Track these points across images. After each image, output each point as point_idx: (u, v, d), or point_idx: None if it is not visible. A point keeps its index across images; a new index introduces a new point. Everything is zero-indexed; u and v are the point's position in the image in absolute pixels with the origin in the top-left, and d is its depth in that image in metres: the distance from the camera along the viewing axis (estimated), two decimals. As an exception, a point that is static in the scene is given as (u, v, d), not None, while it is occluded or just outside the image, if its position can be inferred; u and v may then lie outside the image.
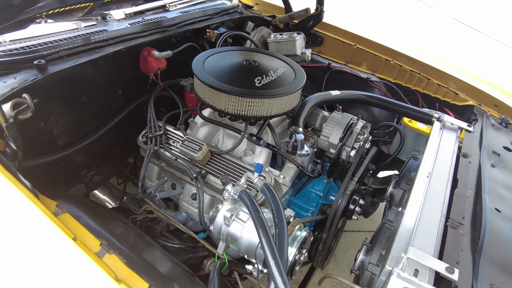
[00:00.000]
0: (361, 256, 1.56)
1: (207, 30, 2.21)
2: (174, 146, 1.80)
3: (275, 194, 1.22)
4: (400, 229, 1.27)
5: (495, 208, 1.43)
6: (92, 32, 1.80)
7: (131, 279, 1.01)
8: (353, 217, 1.84)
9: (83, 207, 1.30)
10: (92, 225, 1.19)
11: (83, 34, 1.77)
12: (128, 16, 2.03)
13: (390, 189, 1.98)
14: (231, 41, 2.29)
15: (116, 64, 1.76)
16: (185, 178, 1.83)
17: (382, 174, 2.65)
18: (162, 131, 1.82)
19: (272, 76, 1.72)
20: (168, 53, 1.87)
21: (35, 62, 1.48)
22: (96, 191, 2.30)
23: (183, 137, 1.77)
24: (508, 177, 1.66)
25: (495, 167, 1.69)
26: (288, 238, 1.09)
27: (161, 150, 1.78)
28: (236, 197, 1.27)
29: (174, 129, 1.89)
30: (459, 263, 1.16)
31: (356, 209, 1.82)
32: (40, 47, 1.60)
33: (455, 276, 1.09)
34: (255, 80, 1.66)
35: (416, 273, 1.10)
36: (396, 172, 2.61)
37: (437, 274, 1.12)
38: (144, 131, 1.88)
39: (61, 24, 1.78)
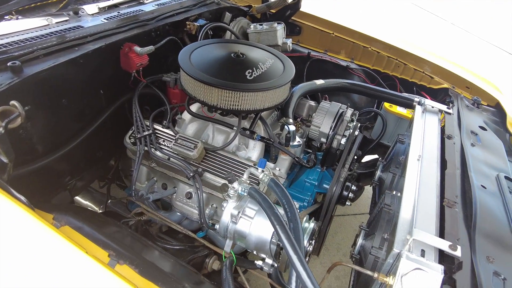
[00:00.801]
0: (360, 241, 1.61)
1: (186, 22, 2.14)
2: (165, 145, 1.74)
3: (284, 188, 1.22)
4: (401, 212, 1.31)
5: (481, 185, 1.52)
6: (66, 29, 1.68)
7: (148, 288, 0.98)
8: (347, 203, 1.89)
9: (80, 217, 1.23)
10: (95, 236, 1.13)
11: (56, 32, 1.65)
12: (102, 10, 1.91)
13: (379, 173, 2.04)
14: (211, 33, 2.24)
15: (96, 63, 1.66)
16: (178, 177, 1.78)
17: (364, 159, 2.73)
18: (150, 131, 1.75)
19: (262, 68, 1.70)
20: (151, 48, 1.79)
21: (9, 63, 1.36)
22: (77, 197, 2.19)
23: (174, 136, 1.72)
24: (487, 154, 1.78)
25: (474, 146, 1.79)
26: (303, 232, 1.10)
27: (152, 150, 1.71)
28: (245, 194, 1.26)
29: (162, 127, 1.82)
30: (459, 239, 1.23)
31: (350, 195, 1.86)
32: (11, 47, 1.47)
33: (458, 253, 1.14)
34: (246, 73, 1.64)
35: (423, 253, 1.15)
36: (376, 156, 2.71)
37: (441, 252, 1.17)
38: (130, 131, 1.80)
39: (31, 20, 1.64)
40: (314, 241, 1.35)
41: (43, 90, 1.47)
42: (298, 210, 1.39)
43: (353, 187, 1.88)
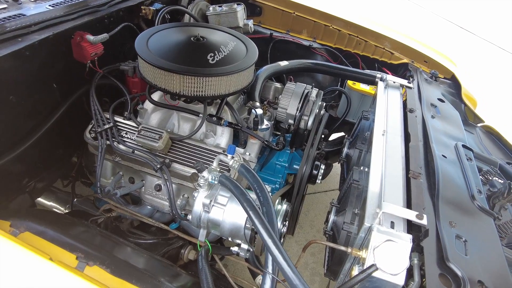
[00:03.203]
0: (332, 217, 1.64)
1: (141, 7, 2.03)
2: (128, 137, 1.67)
3: (255, 173, 1.21)
4: (369, 186, 1.35)
5: (442, 155, 1.60)
6: (6, 18, 1.53)
7: (123, 287, 0.94)
8: (317, 181, 1.92)
9: (43, 221, 1.16)
10: (61, 239, 1.07)
11: None
12: (46, -4, 1.76)
13: (346, 150, 2.09)
14: (169, 17, 2.14)
15: (45, 54, 1.53)
16: (145, 170, 1.72)
17: (330, 137, 2.78)
18: (111, 123, 1.67)
19: (224, 52, 1.65)
20: (105, 36, 1.69)
21: None
22: (40, 198, 2.06)
23: (137, 127, 1.65)
24: (446, 125, 1.86)
25: (434, 118, 1.87)
26: (276, 215, 1.10)
27: (115, 143, 1.63)
28: (216, 182, 1.23)
29: (123, 119, 1.74)
30: (425, 208, 1.29)
31: (319, 173, 1.89)
32: None
33: (424, 221, 1.20)
34: (208, 57, 1.59)
35: (392, 225, 1.19)
36: (343, 133, 2.77)
37: (409, 221, 1.22)
38: (90, 126, 1.71)
39: (-37, 10, 1.48)
40: (287, 222, 1.36)
41: None
42: (270, 194, 1.40)
43: (322, 166, 1.91)
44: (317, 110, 1.88)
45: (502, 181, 1.64)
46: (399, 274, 1.06)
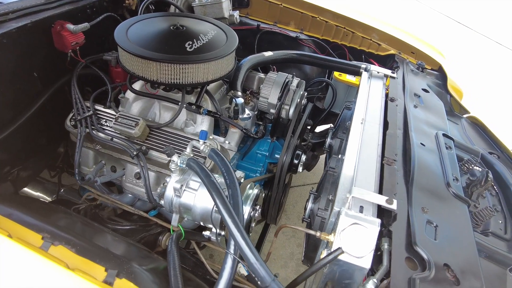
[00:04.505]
0: (310, 205, 1.65)
1: (125, -3, 2.04)
2: (107, 125, 1.68)
3: (224, 157, 1.22)
4: (342, 173, 1.35)
5: (421, 143, 1.59)
6: (-17, 6, 1.55)
7: (85, 265, 0.95)
8: (298, 170, 1.92)
9: (13, 204, 1.17)
10: (28, 220, 1.08)
11: None
12: (27, -15, 1.77)
13: (328, 140, 2.09)
14: (154, 8, 2.15)
15: (23, 43, 1.55)
16: (125, 158, 1.73)
17: (318, 128, 2.78)
18: (91, 112, 1.68)
19: (203, 40, 1.66)
20: (85, 25, 1.70)
21: None
22: (26, 189, 2.08)
23: (115, 115, 1.66)
24: (428, 115, 1.85)
25: (417, 108, 1.86)
26: (241, 197, 1.11)
27: (94, 131, 1.65)
28: (184, 166, 1.24)
29: (104, 108, 1.75)
30: (396, 194, 1.29)
31: (300, 162, 1.89)
32: None
33: (394, 206, 1.20)
34: (186, 45, 1.59)
35: (361, 209, 1.19)
36: (331, 125, 2.76)
37: (379, 207, 1.22)
38: (71, 114, 1.72)
39: None
40: (258, 206, 1.37)
41: None
42: (243, 179, 1.41)
43: (303, 156, 1.91)
44: (298, 100, 1.88)
45: (481, 170, 1.63)
46: (364, 257, 1.06)
